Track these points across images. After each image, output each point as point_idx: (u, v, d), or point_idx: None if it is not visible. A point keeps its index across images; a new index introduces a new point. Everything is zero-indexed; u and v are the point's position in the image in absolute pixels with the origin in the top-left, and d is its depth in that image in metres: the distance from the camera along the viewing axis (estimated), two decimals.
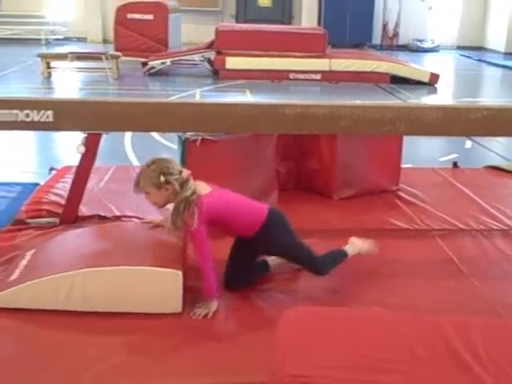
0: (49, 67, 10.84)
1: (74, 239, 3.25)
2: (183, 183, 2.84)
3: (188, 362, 2.51)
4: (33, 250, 3.09)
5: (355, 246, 3.32)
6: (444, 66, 14.49)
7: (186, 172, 2.90)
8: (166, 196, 2.87)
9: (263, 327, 2.69)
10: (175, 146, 4.27)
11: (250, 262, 3.16)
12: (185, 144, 3.90)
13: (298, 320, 2.25)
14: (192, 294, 2.91)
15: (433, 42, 17.65)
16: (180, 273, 2.80)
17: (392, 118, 3.73)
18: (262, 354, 2.35)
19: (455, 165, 5.35)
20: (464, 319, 2.26)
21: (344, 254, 3.25)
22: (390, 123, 3.75)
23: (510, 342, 2.13)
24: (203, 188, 2.91)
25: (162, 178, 2.82)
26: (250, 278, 3.14)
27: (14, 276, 2.84)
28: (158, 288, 2.79)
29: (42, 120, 3.53)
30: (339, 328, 2.19)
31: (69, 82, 10.69)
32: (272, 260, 3.27)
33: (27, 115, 3.53)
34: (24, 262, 2.96)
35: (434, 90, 11.03)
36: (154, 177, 2.84)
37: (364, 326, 2.20)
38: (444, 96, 10.83)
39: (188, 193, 2.81)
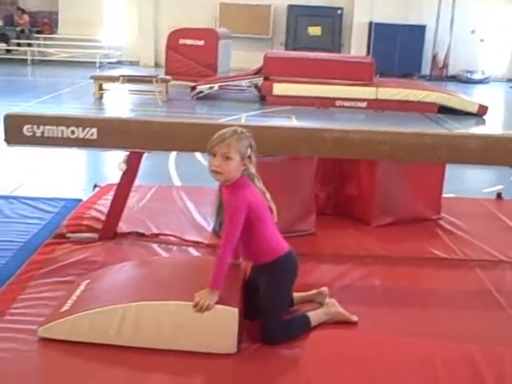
0: (101, 89, 11.14)
1: (129, 271, 3.14)
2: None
3: None
4: (87, 281, 3.01)
5: (329, 311, 2.96)
6: (494, 97, 14.29)
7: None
8: (239, 171, 2.65)
9: (289, 349, 2.67)
10: None
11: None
12: None
13: (323, 343, 2.24)
14: (249, 335, 2.79)
15: (483, 74, 17.44)
16: (236, 310, 2.63)
17: (432, 146, 3.71)
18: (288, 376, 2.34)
19: (499, 196, 5.24)
20: (495, 349, 2.20)
21: (307, 325, 2.84)
22: (431, 150, 3.73)
23: None
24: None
25: (250, 151, 2.66)
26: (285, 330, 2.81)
27: (66, 307, 2.76)
28: (212, 326, 2.62)
29: (86, 137, 3.65)
30: (364, 353, 2.16)
31: (119, 104, 10.95)
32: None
33: (72, 132, 3.65)
34: (77, 293, 2.87)
35: (483, 122, 10.87)
36: (245, 146, 2.64)
37: (390, 351, 2.17)
38: (492, 127, 10.65)
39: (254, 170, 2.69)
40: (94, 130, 3.62)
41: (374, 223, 4.36)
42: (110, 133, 3.67)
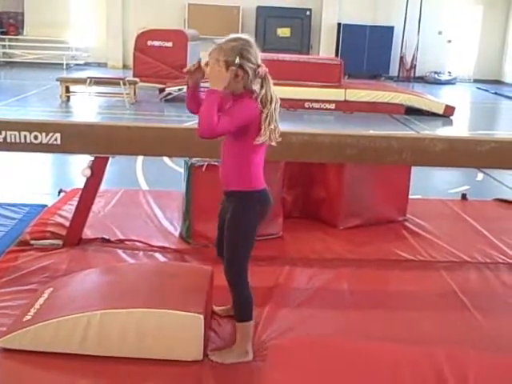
0: (68, 91, 10.99)
1: (94, 278, 3.08)
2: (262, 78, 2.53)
3: None
4: (51, 289, 2.94)
5: None
6: (460, 98, 14.48)
7: (264, 69, 2.55)
8: (236, 83, 2.48)
9: (259, 357, 2.64)
10: None
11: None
12: (190, 169, 3.92)
13: (290, 349, 2.23)
14: (216, 341, 2.77)
15: (450, 75, 17.69)
16: (202, 317, 2.59)
17: (399, 148, 3.73)
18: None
19: (464, 197, 5.31)
20: (460, 352, 2.22)
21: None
22: (397, 153, 3.74)
23: (504, 378, 2.09)
24: None
25: (238, 59, 2.44)
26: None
27: (29, 316, 2.69)
28: (178, 333, 2.59)
29: (50, 142, 3.58)
30: (329, 359, 2.16)
31: (86, 106, 10.83)
32: None
33: (36, 137, 3.58)
34: (41, 302, 2.81)
35: (450, 122, 11.01)
36: (229, 53, 2.44)
37: (356, 356, 2.17)
38: (459, 128, 10.79)
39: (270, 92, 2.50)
40: (58, 135, 3.55)
41: (340, 226, 4.37)
42: (74, 138, 3.61)
